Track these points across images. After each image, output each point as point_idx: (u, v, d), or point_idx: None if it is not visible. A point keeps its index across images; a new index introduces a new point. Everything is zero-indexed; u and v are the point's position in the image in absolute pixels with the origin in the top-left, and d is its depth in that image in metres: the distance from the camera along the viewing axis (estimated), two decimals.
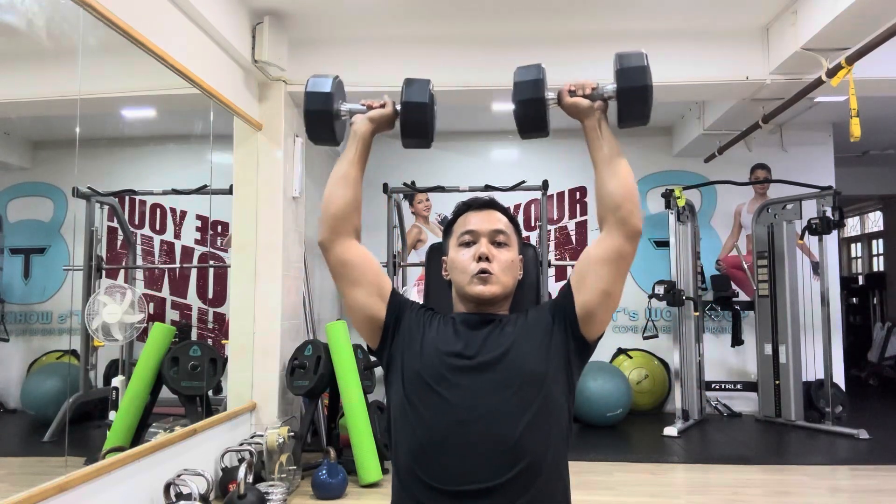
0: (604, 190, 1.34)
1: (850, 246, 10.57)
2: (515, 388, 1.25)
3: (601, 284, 1.31)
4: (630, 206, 1.31)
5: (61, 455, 2.99)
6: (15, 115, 4.46)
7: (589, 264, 1.34)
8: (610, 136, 1.36)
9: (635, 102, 1.34)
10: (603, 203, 1.34)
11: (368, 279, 1.40)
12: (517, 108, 1.39)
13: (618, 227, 1.31)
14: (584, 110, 1.36)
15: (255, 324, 4.00)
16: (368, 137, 1.44)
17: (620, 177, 1.32)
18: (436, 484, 1.20)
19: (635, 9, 3.86)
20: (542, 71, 1.38)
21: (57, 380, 4.70)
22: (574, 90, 1.36)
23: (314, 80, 1.46)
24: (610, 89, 1.35)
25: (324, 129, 1.46)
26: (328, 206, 1.42)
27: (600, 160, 1.35)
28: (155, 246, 5.66)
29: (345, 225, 1.41)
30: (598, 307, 1.32)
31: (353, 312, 1.42)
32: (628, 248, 1.31)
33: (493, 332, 1.34)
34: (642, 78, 1.32)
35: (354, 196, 1.42)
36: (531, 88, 1.37)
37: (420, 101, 1.41)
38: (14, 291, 5.35)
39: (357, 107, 1.47)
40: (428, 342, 1.34)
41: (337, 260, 1.41)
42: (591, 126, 1.36)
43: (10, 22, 2.98)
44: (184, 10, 3.16)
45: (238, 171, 4.10)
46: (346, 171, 1.42)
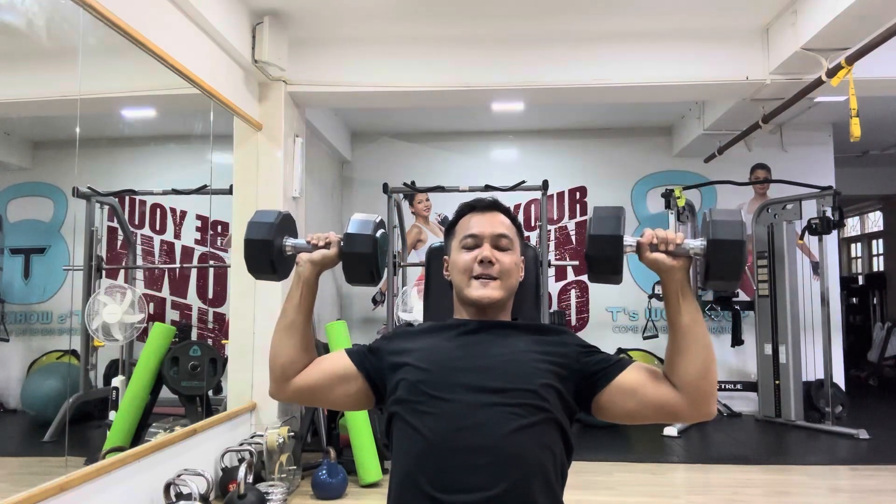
0: (678, 362, 1.22)
1: (850, 246, 10.57)
2: (515, 398, 1.23)
3: (633, 410, 1.26)
4: (707, 388, 1.20)
5: (61, 455, 2.99)
6: (15, 115, 4.46)
7: (643, 392, 1.25)
8: (692, 303, 1.22)
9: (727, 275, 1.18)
10: (676, 375, 1.22)
11: (333, 379, 1.37)
12: (592, 262, 1.25)
13: (687, 402, 1.22)
14: (665, 269, 1.22)
15: (255, 324, 4.00)
16: (313, 280, 1.39)
17: (700, 355, 1.20)
18: (433, 492, 1.18)
19: (635, 9, 3.85)
20: (621, 223, 1.23)
21: (57, 380, 4.70)
22: (656, 244, 1.22)
23: (260, 212, 1.40)
24: (698, 247, 1.20)
25: (264, 262, 1.37)
26: (276, 360, 1.36)
27: (679, 328, 1.22)
28: (155, 246, 5.65)
29: (295, 370, 1.36)
30: (614, 414, 1.28)
31: (343, 407, 1.43)
32: (687, 420, 1.26)
33: (495, 340, 1.32)
34: (738, 253, 1.16)
35: (303, 342, 1.37)
36: (610, 245, 1.22)
37: (362, 252, 1.34)
38: (14, 291, 5.35)
39: (302, 244, 1.40)
40: (422, 354, 1.32)
41: (295, 398, 1.40)
42: (673, 289, 1.22)
43: (10, 22, 2.98)
44: (184, 10, 3.16)
45: (238, 171, 4.10)
46: (291, 319, 1.37)
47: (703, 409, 1.22)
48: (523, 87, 4.27)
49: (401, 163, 6.23)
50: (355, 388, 1.37)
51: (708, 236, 1.18)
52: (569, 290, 6.21)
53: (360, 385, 1.37)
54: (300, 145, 4.36)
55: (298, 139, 4.35)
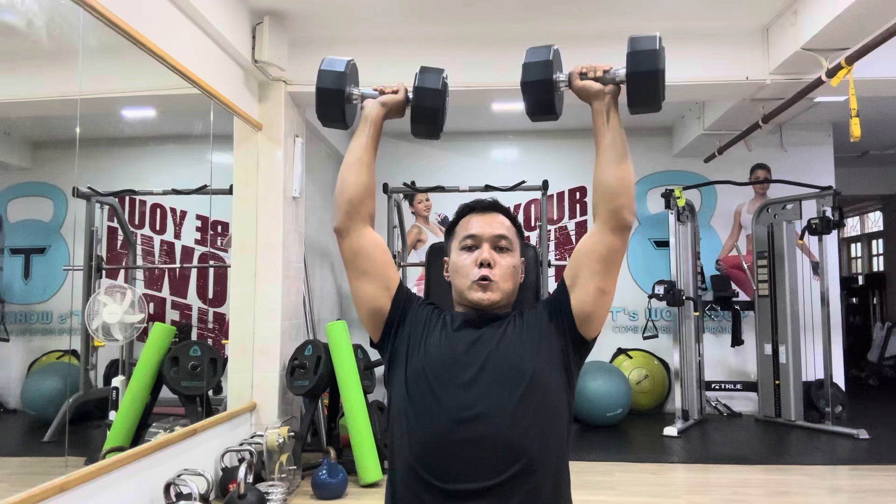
0: (601, 177, 1.31)
1: (850, 246, 10.57)
2: (514, 388, 1.25)
3: (595, 281, 1.31)
4: (624, 199, 1.29)
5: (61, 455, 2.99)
6: (15, 115, 4.46)
7: (581, 260, 1.33)
8: (617, 125, 1.32)
9: (646, 87, 1.28)
10: (598, 191, 1.32)
11: (377, 271, 1.40)
12: (526, 90, 1.35)
13: (609, 219, 1.30)
14: (593, 94, 1.33)
15: (255, 324, 4.00)
16: (380, 122, 1.44)
17: (620, 168, 1.30)
18: (435, 481, 1.20)
19: (636, 9, 3.86)
20: (552, 52, 1.34)
21: (57, 380, 4.70)
22: (585, 72, 1.33)
23: (329, 60, 1.45)
24: (622, 73, 1.31)
25: (334, 108, 1.44)
26: (343, 191, 1.40)
27: (603, 147, 1.32)
28: (155, 246, 5.65)
29: (359, 210, 1.39)
30: (593, 305, 1.31)
31: (358, 303, 1.42)
32: (618, 242, 1.30)
33: (494, 332, 1.33)
34: (654, 62, 1.26)
35: (368, 180, 1.41)
36: (541, 70, 1.33)
37: (432, 88, 1.41)
38: (14, 291, 5.35)
39: (369, 91, 1.47)
40: (433, 340, 1.34)
41: (350, 247, 1.40)
42: (599, 110, 1.33)
43: (10, 22, 2.98)
44: (184, 10, 3.16)
45: (238, 171, 4.10)
46: (359, 155, 1.41)
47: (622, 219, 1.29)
48: None
49: (401, 163, 6.22)
50: (380, 305, 1.39)
51: (628, 50, 1.28)
52: None
53: (384, 310, 1.39)
54: (300, 145, 4.36)
55: (298, 139, 4.35)
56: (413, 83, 1.43)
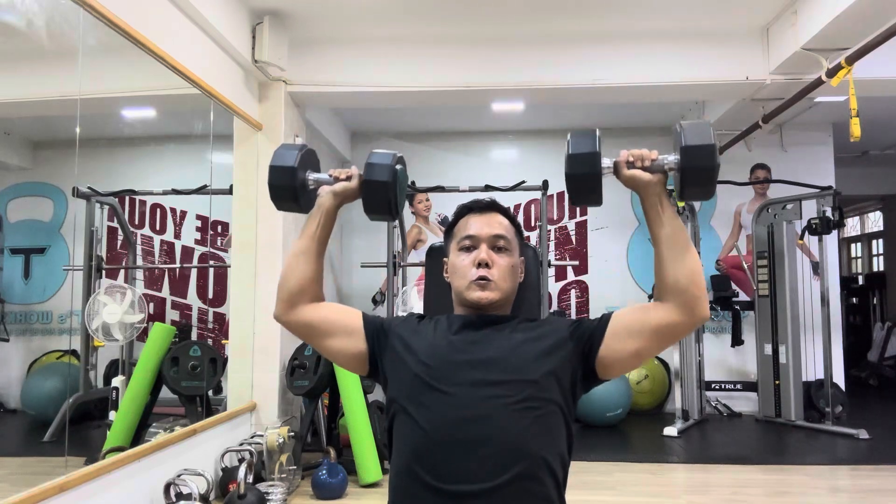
0: (665, 272, 1.25)
1: (850, 246, 10.57)
2: (515, 390, 1.24)
3: (637, 346, 1.27)
4: (696, 291, 1.22)
5: (61, 455, 2.99)
6: (15, 115, 4.46)
7: (638, 323, 1.27)
8: (672, 215, 1.25)
9: (699, 182, 1.21)
10: (664, 285, 1.25)
11: (336, 327, 1.38)
12: (571, 181, 1.27)
13: (680, 311, 1.23)
14: (643, 185, 1.26)
15: (255, 324, 4.00)
16: (333, 212, 1.40)
17: (685, 261, 1.23)
18: (435, 483, 1.20)
19: (635, 9, 3.85)
20: (597, 141, 1.26)
21: (57, 380, 4.70)
22: (633, 161, 1.27)
23: (280, 153, 1.41)
24: (672, 161, 1.23)
25: (288, 201, 1.41)
26: (286, 282, 1.37)
27: (661, 239, 1.25)
28: (155, 246, 5.66)
29: (302, 298, 1.38)
30: (621, 361, 1.29)
31: (335, 359, 1.42)
32: (685, 331, 1.26)
33: (496, 334, 1.33)
34: (710, 157, 1.19)
35: (314, 271, 1.38)
36: (587, 163, 1.25)
37: (382, 181, 1.35)
38: (14, 291, 5.35)
39: (324, 177, 1.43)
40: (425, 345, 1.33)
41: (297, 327, 1.40)
42: (652, 203, 1.26)
43: (10, 22, 2.98)
44: (184, 9, 3.16)
45: (238, 171, 4.10)
46: (306, 246, 1.38)
47: (697, 313, 1.23)
48: (523, 87, 4.27)
49: None
50: (355, 349, 1.38)
51: (680, 144, 1.22)
52: (569, 290, 6.22)
53: (361, 350, 1.37)
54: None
55: (298, 139, 4.35)
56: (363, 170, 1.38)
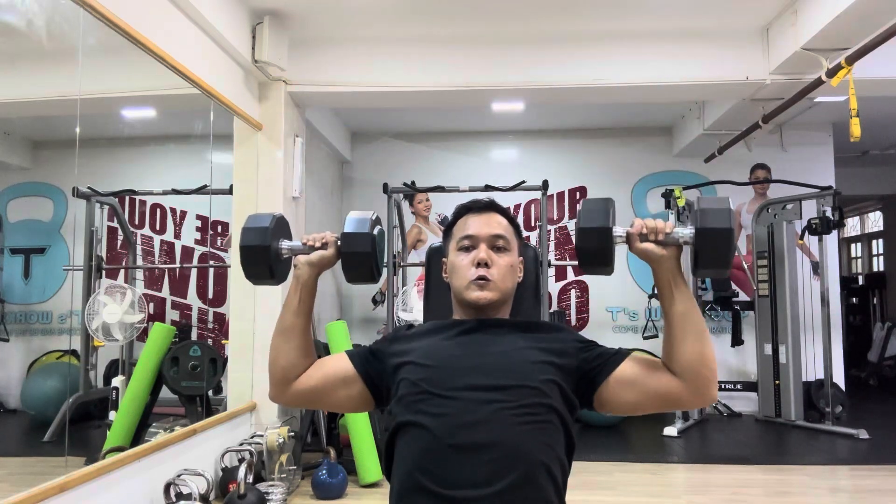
0: (675, 350, 1.22)
1: (850, 246, 10.57)
2: (516, 395, 1.23)
3: (637, 401, 1.26)
4: (706, 373, 1.20)
5: (61, 455, 2.99)
6: (15, 115, 4.46)
7: (645, 383, 1.26)
8: (686, 291, 1.23)
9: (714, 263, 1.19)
10: (674, 363, 1.23)
11: (333, 383, 1.37)
12: (582, 254, 1.25)
13: (689, 389, 1.22)
14: (656, 259, 1.22)
15: (255, 324, 4.00)
16: (312, 283, 1.37)
17: (696, 341, 1.20)
18: (436, 488, 1.19)
19: (636, 9, 3.85)
20: (610, 215, 1.22)
21: (57, 380, 4.70)
22: (646, 234, 1.22)
23: (253, 217, 1.37)
24: (688, 236, 1.20)
25: (261, 267, 1.35)
26: (276, 364, 1.36)
27: (674, 318, 1.23)
28: (155, 246, 5.66)
29: (295, 374, 1.36)
30: (616, 407, 1.29)
31: (343, 409, 1.46)
32: (690, 407, 1.26)
33: (496, 338, 1.33)
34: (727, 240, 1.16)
35: (304, 346, 1.37)
36: (599, 237, 1.22)
37: (362, 251, 1.33)
38: (14, 291, 5.35)
39: (297, 245, 1.38)
40: (423, 352, 1.32)
41: (297, 402, 1.40)
42: (665, 279, 1.23)
43: (10, 22, 2.98)
44: (184, 9, 3.16)
45: (238, 171, 4.10)
46: (290, 323, 1.36)
47: (705, 395, 1.22)
48: (523, 87, 4.27)
49: (401, 163, 6.22)
50: (356, 390, 1.37)
51: (696, 224, 1.19)
52: (569, 290, 6.21)
53: (361, 388, 1.37)
54: (300, 145, 4.35)
55: (298, 139, 4.35)
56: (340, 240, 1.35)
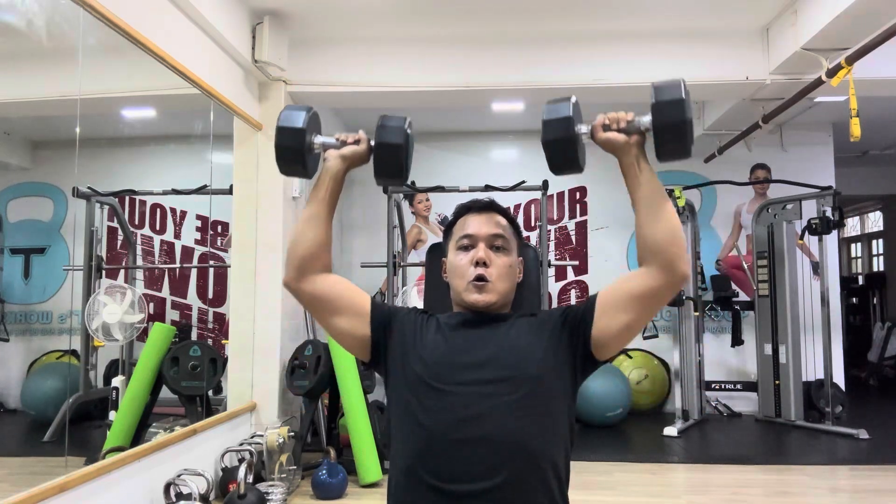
0: (645, 232, 1.26)
1: (850, 246, 10.57)
2: (515, 388, 1.24)
3: (626, 319, 1.27)
4: (675, 250, 1.23)
5: (61, 455, 2.99)
6: (15, 115, 4.46)
7: (621, 292, 1.28)
8: (651, 175, 1.27)
9: (674, 138, 1.22)
10: (644, 246, 1.26)
11: (344, 304, 1.37)
12: (548, 149, 1.28)
13: (660, 272, 1.24)
14: (619, 147, 1.27)
15: (255, 324, 4.00)
16: (341, 176, 1.39)
17: (663, 220, 1.24)
18: (436, 483, 1.20)
19: (636, 9, 3.85)
20: (572, 107, 1.26)
21: (57, 380, 4.70)
22: (608, 124, 1.26)
23: (287, 114, 1.38)
24: (647, 121, 1.24)
25: (294, 164, 1.38)
26: (296, 247, 1.36)
27: (640, 200, 1.27)
28: (155, 246, 5.66)
29: (313, 265, 1.36)
30: (614, 338, 1.29)
31: (338, 339, 1.41)
32: (668, 293, 1.26)
33: (495, 332, 1.33)
34: (681, 112, 1.20)
35: (324, 236, 1.37)
36: (562, 128, 1.26)
37: (394, 143, 1.34)
38: (14, 291, 5.35)
39: (330, 141, 1.40)
40: (428, 343, 1.33)
41: (307, 297, 1.38)
42: (629, 163, 1.27)
43: (10, 22, 2.98)
44: (184, 10, 3.16)
45: (238, 171, 4.10)
46: (316, 210, 1.37)
47: (677, 272, 1.23)
48: (523, 87, 4.27)
49: None
50: (360, 331, 1.37)
51: (651, 102, 1.21)
52: (569, 290, 6.21)
53: (365, 335, 1.37)
54: None
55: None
56: (375, 133, 1.36)
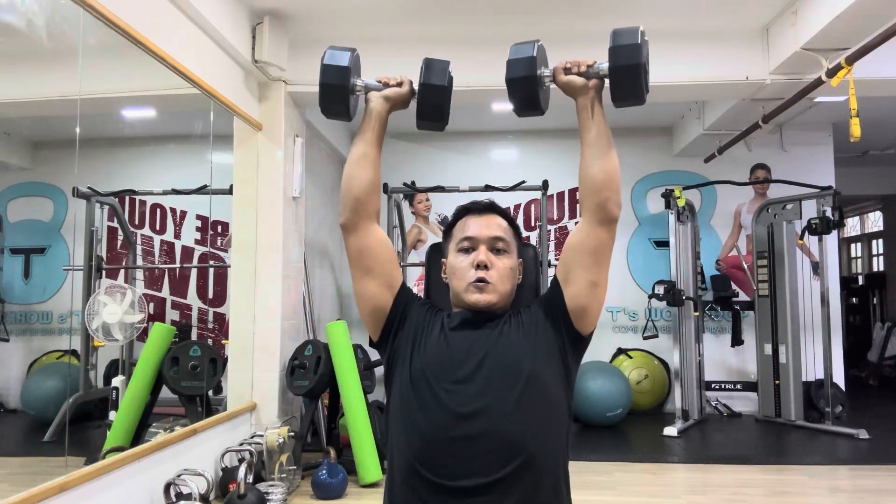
0: (586, 171, 1.34)
1: (850, 246, 10.57)
2: (512, 384, 1.25)
3: (586, 275, 1.32)
4: (609, 192, 1.31)
5: (61, 455, 2.99)
6: (15, 115, 4.46)
7: (571, 255, 1.35)
8: (601, 119, 1.34)
9: (628, 80, 1.28)
10: (584, 185, 1.34)
11: (381, 270, 1.40)
12: (511, 87, 1.34)
13: (595, 212, 1.31)
14: (578, 88, 1.34)
15: (255, 324, 4.00)
16: (384, 116, 1.43)
17: (605, 161, 1.32)
18: (434, 478, 1.21)
19: (635, 9, 3.85)
20: (536, 48, 1.33)
21: (57, 380, 4.70)
22: (569, 68, 1.33)
23: (331, 53, 1.42)
24: (605, 67, 1.30)
25: (338, 103, 1.42)
26: (350, 188, 1.40)
27: (588, 141, 1.34)
28: (155, 246, 5.65)
29: (366, 206, 1.40)
30: (587, 299, 1.32)
31: (360, 300, 1.42)
32: (605, 235, 1.32)
33: (492, 331, 1.34)
34: (635, 55, 1.26)
35: (374, 176, 1.41)
36: (525, 66, 1.32)
37: (438, 84, 1.38)
38: (14, 291, 5.35)
39: (373, 83, 1.44)
40: (431, 339, 1.34)
41: (357, 244, 1.40)
42: (584, 105, 1.34)
43: (10, 22, 2.98)
44: (184, 10, 3.16)
45: (238, 171, 4.10)
46: (364, 150, 1.41)
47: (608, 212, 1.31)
48: None
49: (401, 163, 6.22)
50: (381, 302, 1.40)
51: (610, 45, 1.28)
52: None
53: (384, 307, 1.40)
54: (300, 145, 4.36)
55: (298, 139, 4.35)
56: (419, 77, 1.40)
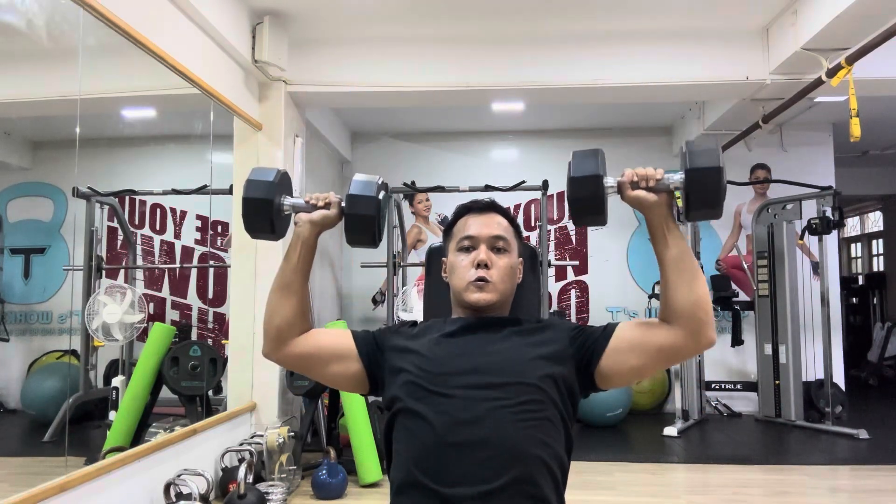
0: (672, 295, 1.23)
1: (850, 246, 10.57)
2: (515, 393, 1.24)
3: (638, 363, 1.26)
4: (703, 316, 1.20)
5: (61, 455, 2.99)
6: (15, 115, 4.46)
7: (642, 341, 1.27)
8: (679, 236, 1.24)
9: (707, 204, 1.18)
10: (670, 308, 1.23)
11: (330, 354, 1.37)
12: (574, 205, 1.24)
13: (686, 336, 1.22)
14: (648, 206, 1.22)
15: (255, 324, 4.00)
16: (312, 241, 1.35)
17: (692, 287, 1.21)
18: (434, 486, 1.19)
19: (635, 8, 3.85)
20: (599, 162, 1.22)
21: (57, 380, 4.70)
22: (637, 181, 1.23)
23: (257, 170, 1.35)
24: (677, 180, 1.20)
25: (262, 220, 1.34)
26: (271, 320, 1.35)
27: (667, 262, 1.23)
28: (155, 246, 5.65)
29: (291, 334, 1.35)
30: (620, 376, 1.28)
31: (335, 385, 1.42)
32: (690, 355, 1.27)
33: (494, 336, 1.33)
34: (717, 181, 1.16)
35: (300, 306, 1.35)
36: (590, 185, 1.21)
37: (366, 214, 1.31)
38: (14, 291, 5.35)
39: (300, 203, 1.36)
40: (423, 349, 1.32)
41: (292, 361, 1.39)
42: (658, 223, 1.23)
43: (10, 22, 2.98)
44: (184, 10, 3.16)
45: (238, 171, 4.09)
46: (288, 279, 1.34)
47: (703, 339, 1.22)
48: (523, 87, 4.27)
49: (401, 163, 6.22)
50: (353, 370, 1.37)
51: (686, 166, 1.18)
52: (569, 290, 6.21)
53: (358, 369, 1.36)
54: (300, 145, 4.35)
55: (298, 139, 4.35)
56: (345, 201, 1.32)
